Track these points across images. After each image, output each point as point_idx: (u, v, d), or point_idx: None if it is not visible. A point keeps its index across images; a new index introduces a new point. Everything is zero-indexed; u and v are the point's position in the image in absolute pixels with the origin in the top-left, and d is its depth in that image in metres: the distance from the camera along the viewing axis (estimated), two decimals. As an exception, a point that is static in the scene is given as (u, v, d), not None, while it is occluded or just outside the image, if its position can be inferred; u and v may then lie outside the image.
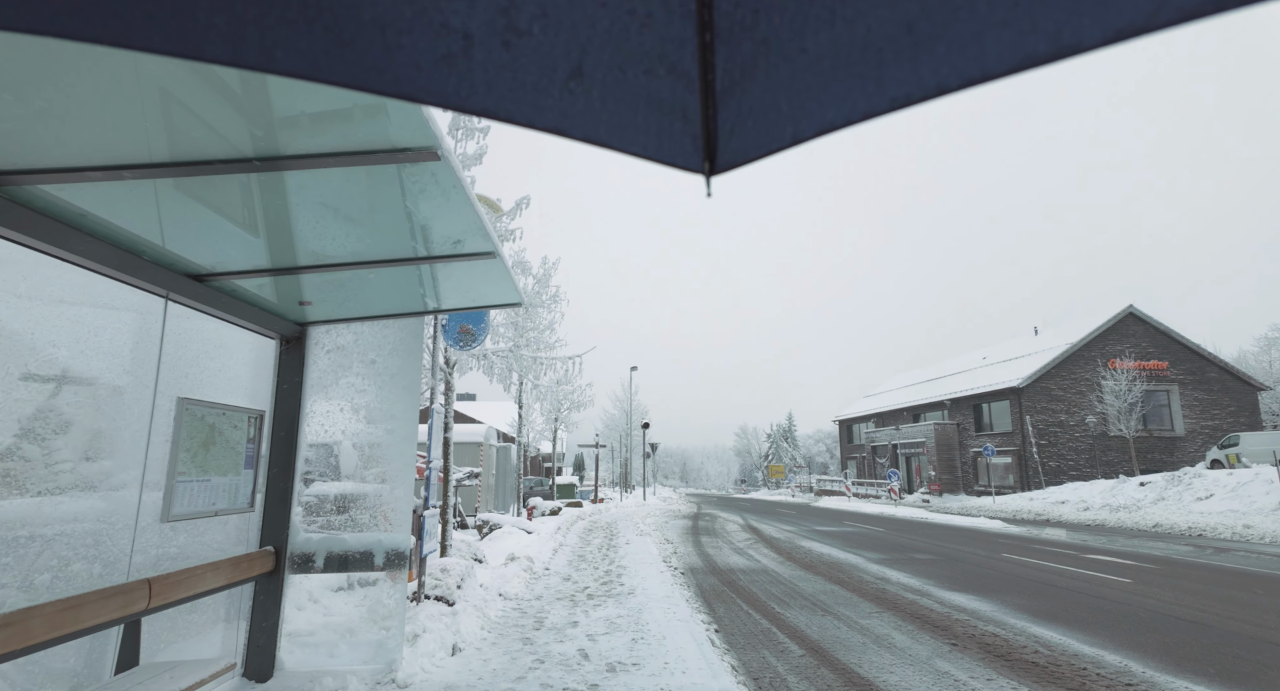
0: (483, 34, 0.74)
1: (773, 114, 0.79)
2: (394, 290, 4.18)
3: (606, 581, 8.12)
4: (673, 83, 0.79)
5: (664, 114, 0.82)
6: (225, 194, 2.52)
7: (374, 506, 4.32)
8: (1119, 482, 24.34)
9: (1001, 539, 14.72)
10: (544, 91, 0.80)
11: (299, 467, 4.25)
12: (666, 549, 12.36)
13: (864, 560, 10.97)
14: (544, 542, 11.40)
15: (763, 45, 0.74)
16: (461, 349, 6.42)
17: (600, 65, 0.78)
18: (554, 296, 13.88)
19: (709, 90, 0.80)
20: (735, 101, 0.80)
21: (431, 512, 5.62)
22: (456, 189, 2.60)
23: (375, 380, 4.45)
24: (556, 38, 0.75)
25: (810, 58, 0.73)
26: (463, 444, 17.46)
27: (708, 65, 0.77)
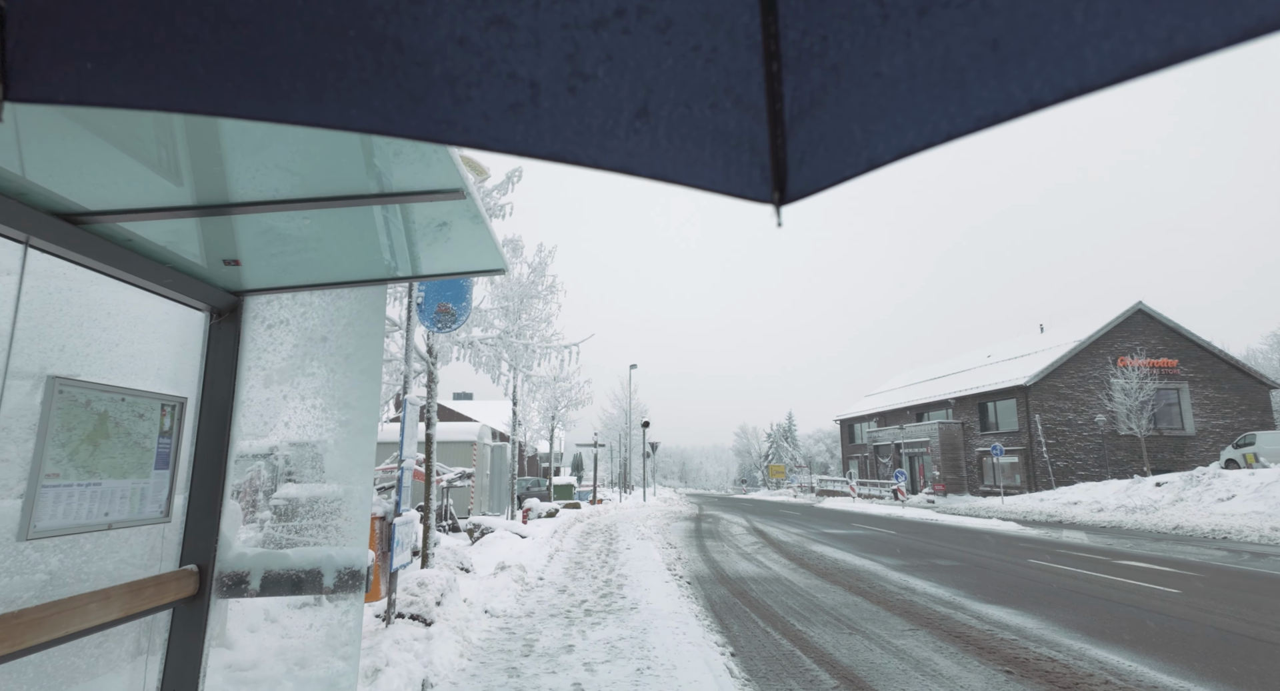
0: (549, 81, 0.77)
1: (845, 140, 0.78)
2: (348, 251, 3.42)
3: (606, 594, 7.35)
4: (739, 115, 0.80)
5: (731, 146, 0.83)
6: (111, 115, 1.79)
7: (323, 514, 3.57)
8: (1134, 483, 23.63)
9: (1021, 543, 13.98)
10: (610, 133, 0.82)
11: (231, 467, 3.49)
12: (670, 554, 11.60)
13: (882, 567, 10.21)
14: (539, 548, 10.64)
15: (833, 72, 0.74)
16: (440, 331, 5.66)
17: (666, 103, 0.80)
18: (550, 287, 13.12)
19: (777, 120, 0.80)
20: (805, 130, 0.80)
21: (404, 519, 4.86)
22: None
23: (326, 362, 3.69)
24: (622, 80, 0.77)
25: (885, 81, 0.71)
26: (455, 442, 16.70)
27: (775, 95, 0.78)
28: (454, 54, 0.74)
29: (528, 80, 0.75)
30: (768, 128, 0.80)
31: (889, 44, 0.68)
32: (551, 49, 0.73)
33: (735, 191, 0.84)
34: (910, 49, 0.67)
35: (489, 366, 7.04)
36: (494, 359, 7.05)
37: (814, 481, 52.86)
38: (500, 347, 7.18)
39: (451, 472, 14.36)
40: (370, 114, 0.76)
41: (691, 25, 0.73)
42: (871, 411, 50.93)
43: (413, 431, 4.99)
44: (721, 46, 0.73)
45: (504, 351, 7.24)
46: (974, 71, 0.65)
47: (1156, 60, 0.55)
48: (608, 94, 0.77)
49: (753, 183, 0.83)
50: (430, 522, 7.01)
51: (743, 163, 0.83)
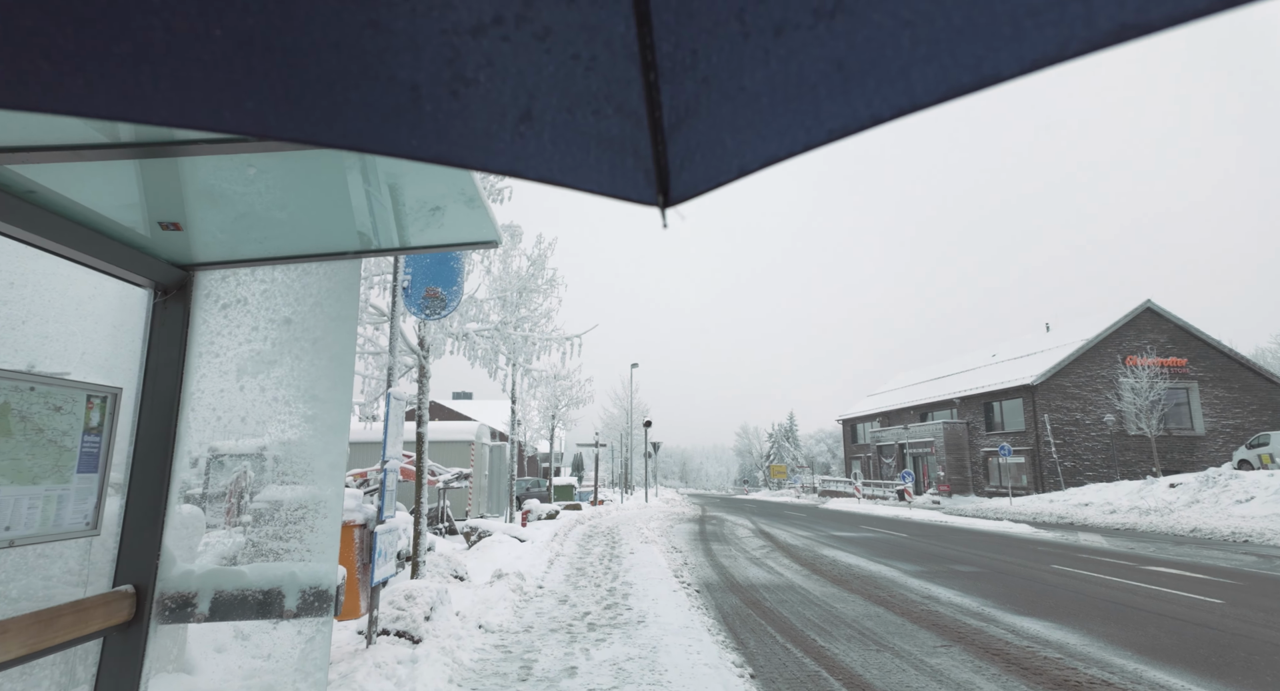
0: (430, 85, 0.78)
1: (719, 148, 0.83)
2: (316, 219, 2.93)
3: (611, 604, 6.85)
4: (621, 121, 0.83)
5: (615, 151, 0.86)
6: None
7: (285, 524, 3.06)
8: (1146, 484, 23.11)
9: (1039, 546, 13.47)
10: (495, 136, 0.83)
11: (178, 470, 2.99)
12: (675, 559, 11.10)
13: (900, 573, 9.71)
14: (538, 553, 10.13)
15: (704, 84, 0.78)
16: (428, 317, 5.16)
17: (549, 108, 0.81)
18: (550, 280, 12.63)
19: (657, 127, 0.84)
20: (683, 137, 0.84)
21: (387, 527, 4.35)
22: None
23: (291, 347, 3.19)
24: (504, 85, 0.78)
25: (749, 95, 0.76)
26: (452, 442, 16.20)
27: (654, 103, 0.81)
28: (329, 57, 0.75)
29: (408, 84, 0.77)
30: (649, 134, 0.84)
31: (750, 60, 0.73)
32: (431, 54, 0.75)
33: (621, 194, 0.88)
34: (769, 66, 0.73)
35: (485, 360, 6.54)
36: (491, 352, 6.55)
37: (816, 482, 52.36)
38: (497, 340, 6.68)
39: (448, 473, 13.85)
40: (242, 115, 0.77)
41: (570, 34, 0.75)
42: (874, 411, 50.43)
43: (397, 430, 4.49)
44: (600, 55, 0.77)
45: (501, 344, 6.74)
46: (824, 88, 0.72)
47: (970, 83, 0.63)
48: (490, 98, 0.79)
49: (637, 186, 0.88)
50: (421, 527, 6.51)
51: (627, 167, 0.87)
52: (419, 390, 6.71)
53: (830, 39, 0.67)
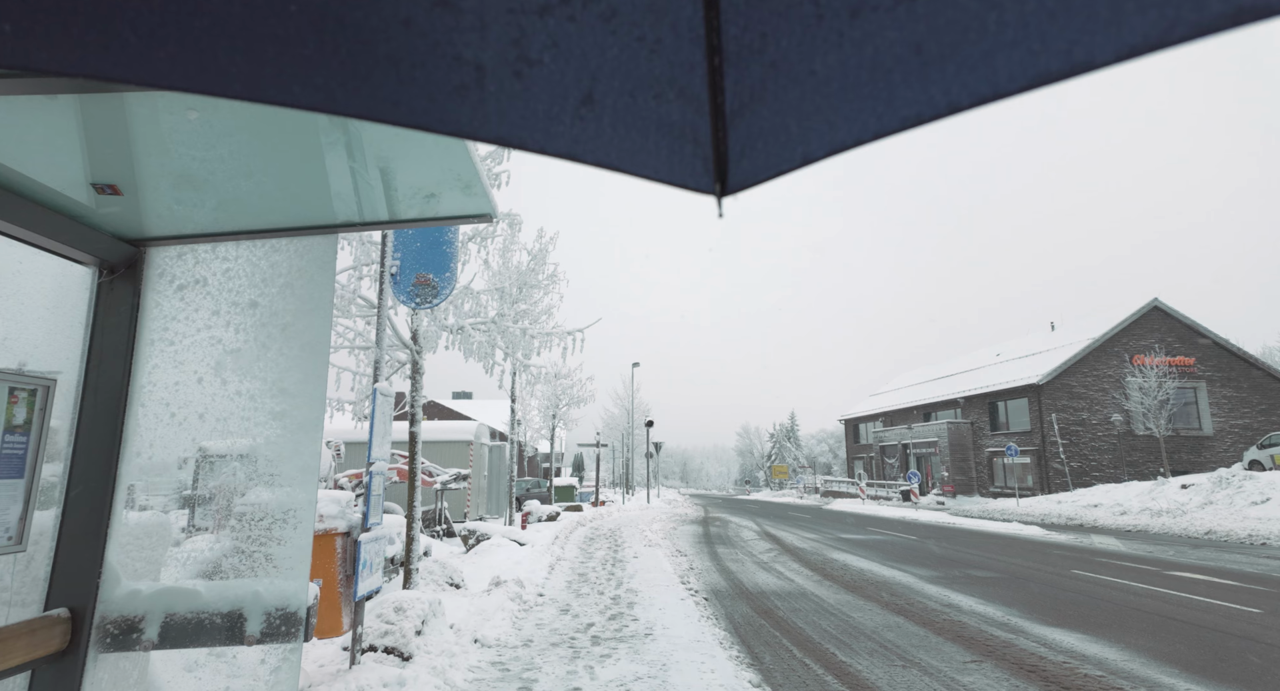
0: (494, 65, 0.77)
1: (782, 135, 0.81)
2: (285, 187, 2.56)
3: (616, 614, 6.46)
4: (683, 107, 0.82)
5: (675, 137, 0.85)
6: None
7: (249, 536, 2.68)
8: (1158, 485, 22.72)
9: (1054, 550, 13.08)
10: (556, 119, 0.82)
11: (125, 474, 2.61)
12: (681, 563, 10.71)
13: (915, 578, 9.32)
14: (538, 557, 9.75)
15: (771, 68, 0.76)
16: (419, 306, 4.78)
17: (611, 91, 0.80)
18: (551, 276, 12.24)
19: (719, 113, 0.82)
20: (745, 124, 0.83)
21: (373, 536, 3.97)
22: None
23: (257, 334, 2.81)
24: (567, 66, 0.78)
25: (819, 80, 0.74)
26: (450, 442, 15.82)
27: (717, 89, 0.80)
28: (398, 34, 0.75)
29: (473, 63, 0.77)
30: (710, 120, 0.83)
31: (823, 43, 0.71)
32: (497, 33, 0.75)
33: (678, 182, 0.87)
34: (842, 49, 0.70)
35: (481, 354, 6.16)
36: (487, 345, 6.17)
37: (819, 482, 51.99)
38: (494, 333, 6.30)
39: (445, 474, 13.48)
40: (313, 91, 0.78)
41: (636, 16, 0.74)
42: (877, 411, 50.06)
43: (385, 428, 4.10)
44: (665, 38, 0.76)
45: (499, 337, 6.35)
46: (899, 73, 0.69)
47: (1058, 71, 0.59)
48: (553, 80, 0.79)
49: (695, 173, 0.86)
50: (415, 532, 6.13)
51: (685, 154, 0.86)
52: (412, 387, 6.33)
53: (910, 21, 0.66)
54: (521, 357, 6.67)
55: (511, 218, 6.65)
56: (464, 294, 6.29)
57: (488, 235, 6.61)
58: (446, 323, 6.14)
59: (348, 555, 3.87)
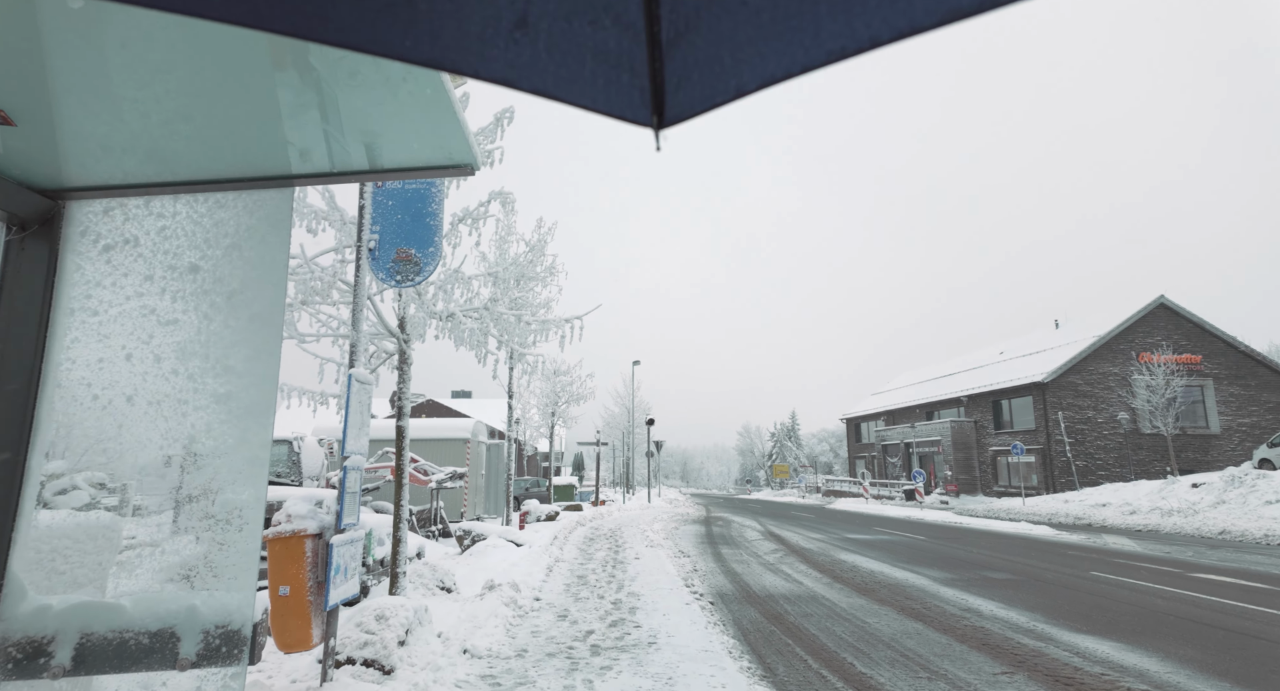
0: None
1: (716, 66, 0.80)
2: (229, 129, 2.16)
3: (617, 621, 6.06)
4: (619, 34, 0.80)
5: (611, 66, 0.83)
6: None
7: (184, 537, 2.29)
8: (1167, 484, 22.33)
9: (1068, 550, 12.68)
10: (490, 42, 0.80)
11: (35, 467, 2.22)
12: (684, 565, 10.30)
13: (929, 581, 8.92)
14: (536, 559, 9.35)
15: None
16: (399, 285, 4.36)
17: (546, 15, 0.78)
18: (550, 268, 11.85)
19: (655, 42, 0.81)
20: (681, 54, 0.82)
21: (347, 538, 3.57)
22: None
23: (198, 303, 2.41)
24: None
25: (751, 10, 0.74)
26: (446, 440, 15.41)
27: (653, 17, 0.78)
28: None
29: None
30: (646, 49, 0.81)
31: None
32: None
33: (615, 112, 0.86)
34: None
35: (473, 342, 5.75)
36: (479, 333, 5.76)
37: (820, 481, 51.61)
38: (487, 320, 5.89)
39: (441, 473, 13.08)
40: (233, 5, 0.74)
41: None
42: (879, 410, 49.68)
43: (361, 420, 3.70)
44: None
45: (491, 325, 5.95)
46: (825, 6, 0.70)
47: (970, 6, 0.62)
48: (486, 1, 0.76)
49: (632, 104, 0.86)
50: (402, 533, 5.73)
51: (623, 83, 0.84)
52: (399, 379, 5.93)
53: None
54: (517, 346, 6.25)
55: (505, 197, 6.24)
56: (454, 279, 5.89)
57: (480, 216, 6.20)
58: (435, 309, 5.73)
59: (319, 559, 3.47)
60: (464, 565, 8.70)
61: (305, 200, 5.37)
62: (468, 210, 6.20)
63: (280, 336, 2.47)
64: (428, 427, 15.64)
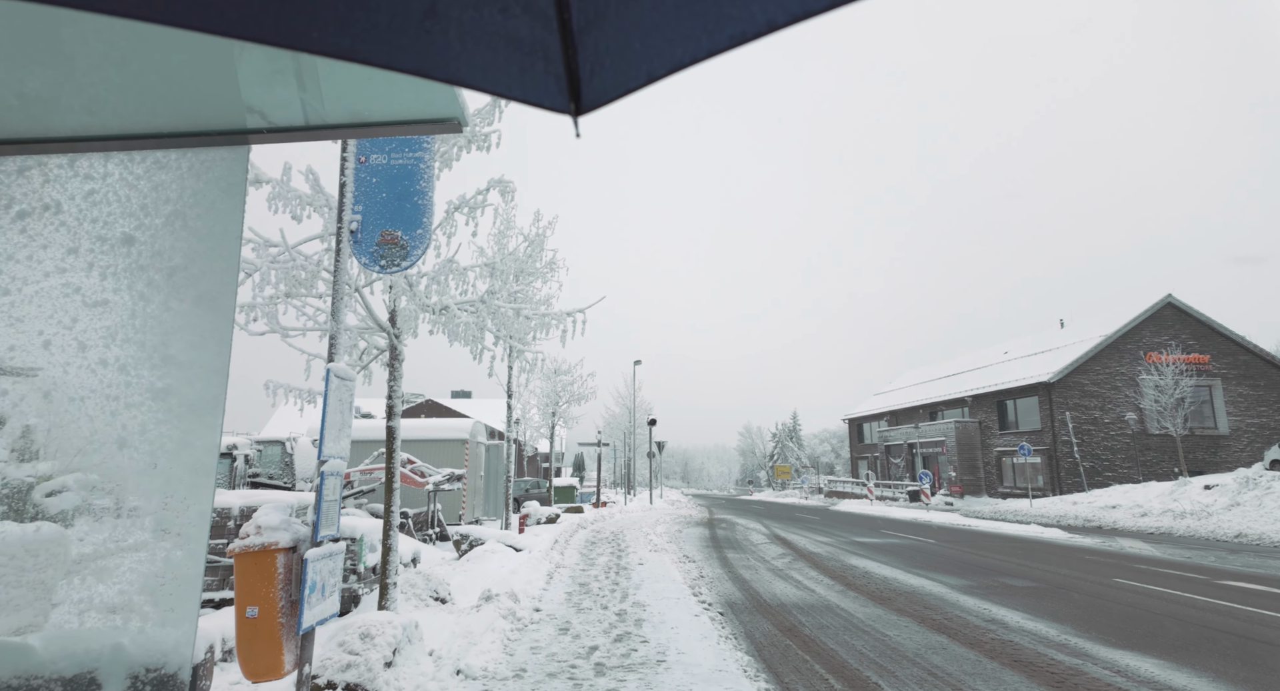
0: None
1: (627, 53, 0.81)
2: (169, 76, 1.80)
3: (622, 635, 5.68)
4: (530, 21, 0.80)
5: (526, 53, 0.83)
6: None
7: (109, 567, 1.91)
8: (1179, 485, 21.93)
9: (1085, 555, 12.30)
10: (400, 31, 0.79)
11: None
12: (690, 571, 9.92)
13: (946, 588, 8.54)
14: (536, 565, 8.97)
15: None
16: (384, 270, 3.98)
17: (455, 3, 0.78)
18: (551, 263, 11.49)
19: (567, 30, 0.81)
20: (592, 41, 0.82)
21: (324, 552, 3.19)
22: None
23: (132, 281, 2.04)
24: None
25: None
26: (444, 441, 15.04)
27: (564, 4, 0.78)
28: None
29: None
30: (559, 37, 0.82)
31: None
32: None
33: (533, 100, 0.86)
34: None
35: (468, 337, 5.37)
36: (475, 327, 5.38)
37: (823, 482, 51.22)
38: (484, 314, 5.52)
39: (439, 474, 12.71)
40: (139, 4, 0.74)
41: None
42: (882, 410, 49.30)
43: (340, 421, 3.33)
44: None
45: (488, 319, 5.58)
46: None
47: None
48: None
49: (549, 91, 0.86)
50: (392, 541, 5.35)
51: (538, 71, 0.85)
52: (390, 376, 5.56)
53: None
54: (515, 342, 5.87)
55: (504, 185, 5.86)
56: (448, 269, 5.51)
57: (477, 205, 5.83)
58: (429, 302, 5.36)
59: (293, 576, 3.10)
60: (460, 572, 8.33)
61: (289, 183, 5.01)
62: (464, 198, 5.83)
63: (231, 321, 2.08)
64: (425, 428, 15.27)
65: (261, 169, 5.04)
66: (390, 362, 5.52)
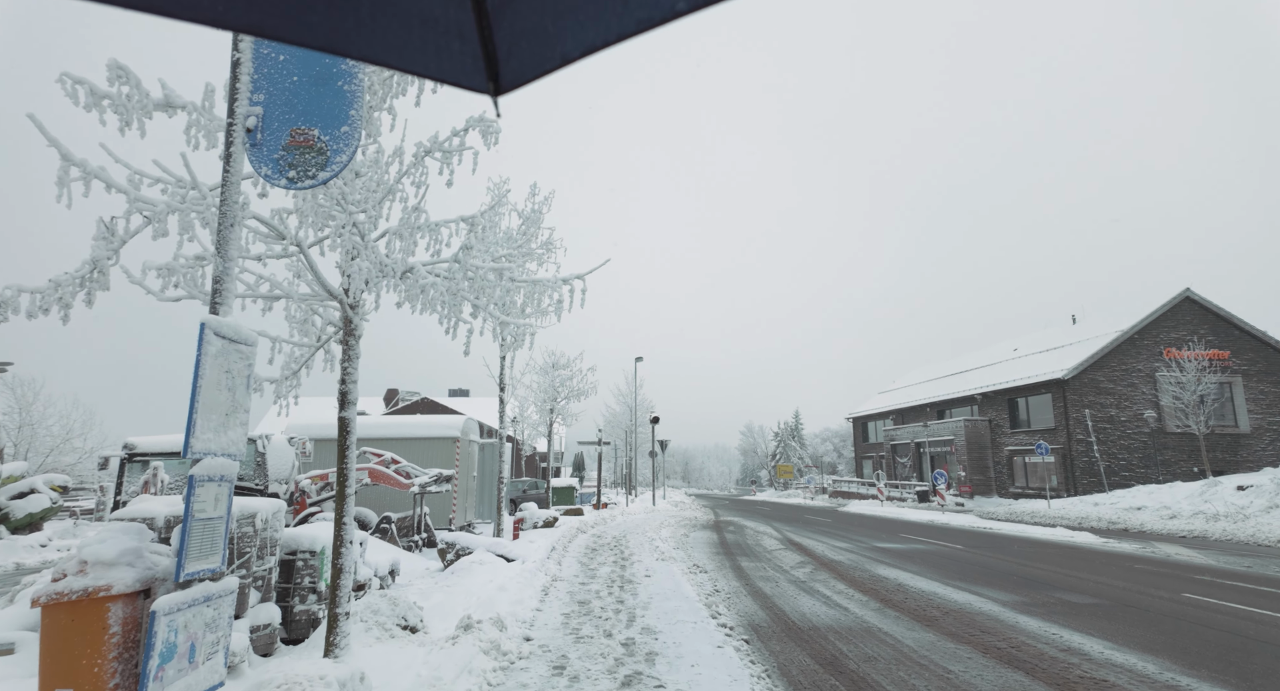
0: None
1: (543, 35, 0.83)
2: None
3: (632, 677, 4.59)
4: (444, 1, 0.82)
5: (441, 32, 0.83)
6: None
7: None
8: (1209, 485, 20.87)
9: (1133, 564, 11.23)
10: (310, 7, 0.78)
11: None
12: (702, 583, 8.84)
13: (998, 605, 7.47)
14: (529, 578, 7.90)
15: None
16: (294, 184, 2.85)
17: None
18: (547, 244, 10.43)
19: (481, 10, 0.82)
20: (508, 22, 0.84)
21: (190, 598, 2.11)
22: None
23: None
24: None
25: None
26: (432, 439, 13.96)
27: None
28: None
29: None
30: (474, 17, 0.83)
31: None
32: None
33: (451, 79, 0.88)
34: None
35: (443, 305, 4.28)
36: (447, 294, 4.31)
37: (827, 482, 50.13)
38: (459, 277, 4.44)
39: (425, 475, 11.63)
40: None
41: None
42: (887, 408, 48.23)
43: (224, 400, 2.25)
44: None
45: (465, 283, 4.50)
46: None
47: None
48: None
49: (467, 71, 0.87)
50: (344, 561, 4.28)
51: (454, 50, 0.85)
52: (343, 355, 4.48)
53: None
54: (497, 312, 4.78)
55: (486, 125, 4.77)
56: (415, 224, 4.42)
57: (453, 149, 4.75)
58: (390, 263, 4.28)
59: (129, 639, 2.02)
60: (443, 587, 7.26)
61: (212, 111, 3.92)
62: (436, 139, 4.75)
63: None
64: (412, 425, 14.18)
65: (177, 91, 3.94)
66: (344, 339, 4.45)
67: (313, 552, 5.92)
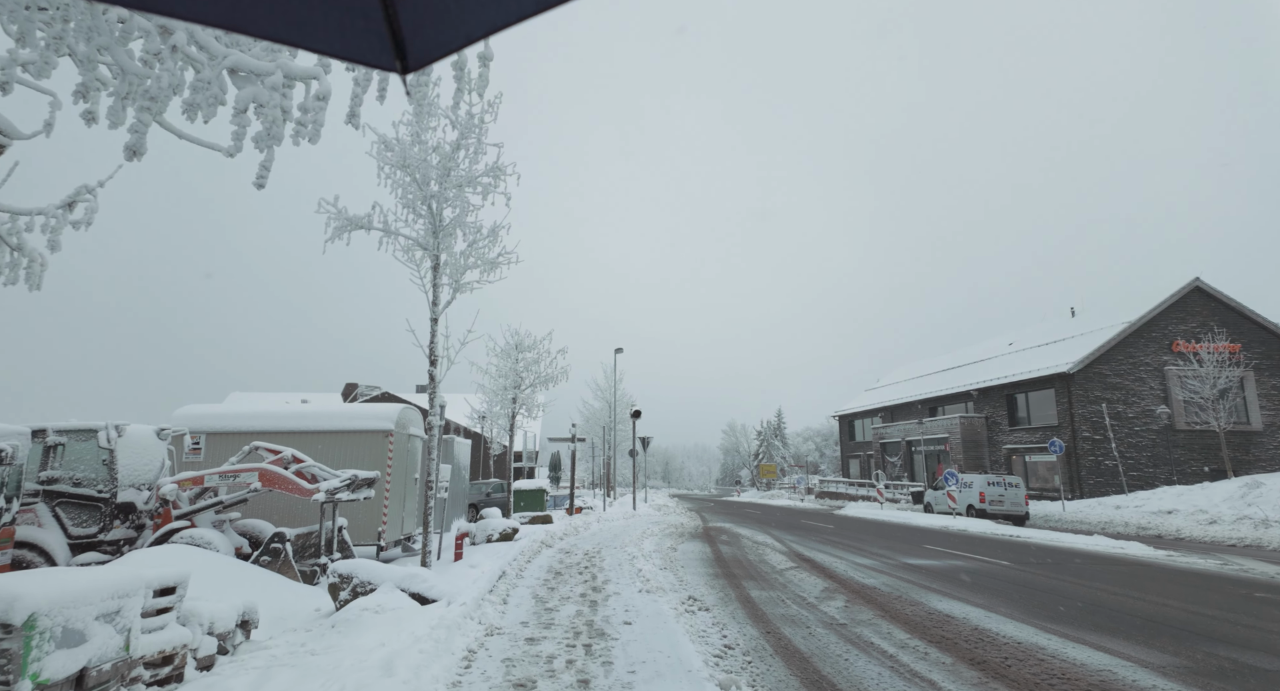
0: None
1: (446, 14, 0.84)
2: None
3: None
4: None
5: (343, 11, 0.83)
6: None
7: None
8: (1250, 486, 18.85)
9: (1238, 588, 8.88)
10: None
11: None
12: (707, 632, 6.18)
13: (1148, 672, 4.98)
14: (446, 639, 5.17)
15: None
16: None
17: None
18: (494, 168, 7.78)
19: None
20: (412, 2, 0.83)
21: None
22: None
23: None
24: None
25: None
26: (357, 432, 11.14)
27: None
28: None
29: None
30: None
31: None
32: None
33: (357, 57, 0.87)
34: None
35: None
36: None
37: (814, 482, 47.95)
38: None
39: (335, 479, 8.82)
40: None
41: None
42: (876, 405, 46.26)
43: None
44: None
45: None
46: None
47: None
48: None
49: (373, 49, 0.87)
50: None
51: (358, 28, 0.84)
52: None
53: None
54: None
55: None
56: None
57: None
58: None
59: None
60: (303, 656, 4.52)
61: None
62: None
63: None
64: (331, 416, 11.34)
65: None
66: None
67: (7, 628, 3.19)
